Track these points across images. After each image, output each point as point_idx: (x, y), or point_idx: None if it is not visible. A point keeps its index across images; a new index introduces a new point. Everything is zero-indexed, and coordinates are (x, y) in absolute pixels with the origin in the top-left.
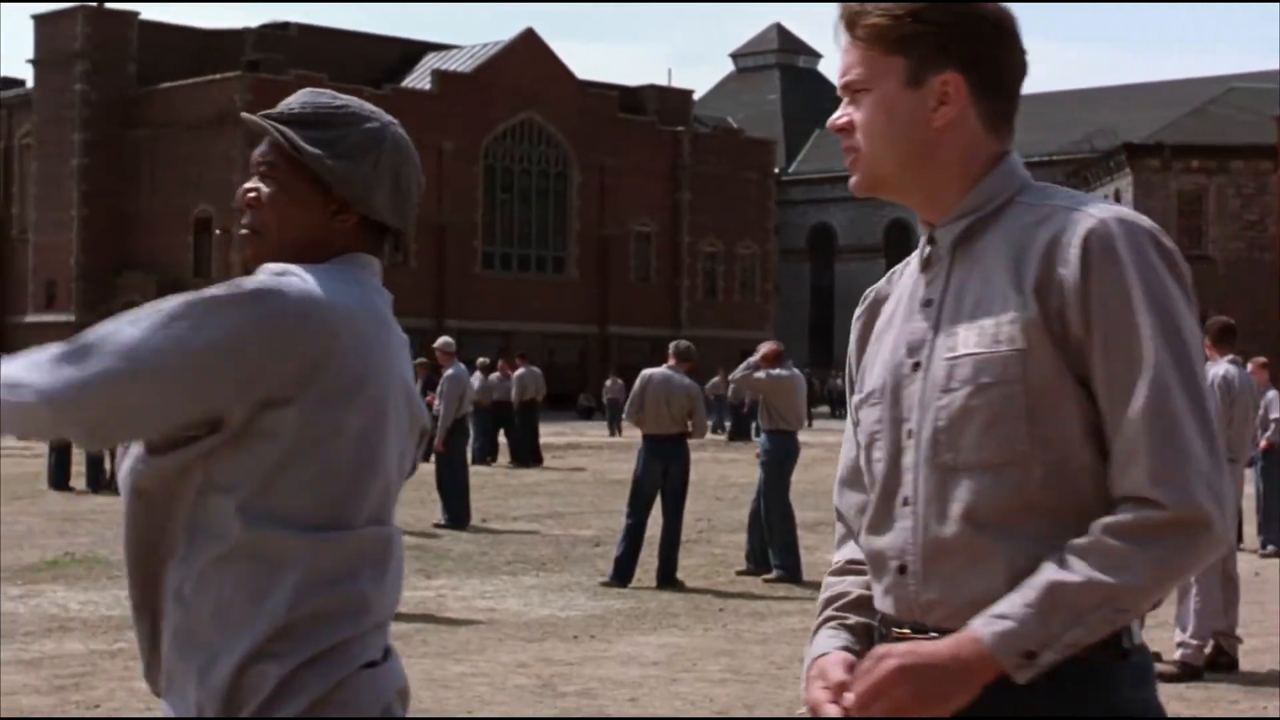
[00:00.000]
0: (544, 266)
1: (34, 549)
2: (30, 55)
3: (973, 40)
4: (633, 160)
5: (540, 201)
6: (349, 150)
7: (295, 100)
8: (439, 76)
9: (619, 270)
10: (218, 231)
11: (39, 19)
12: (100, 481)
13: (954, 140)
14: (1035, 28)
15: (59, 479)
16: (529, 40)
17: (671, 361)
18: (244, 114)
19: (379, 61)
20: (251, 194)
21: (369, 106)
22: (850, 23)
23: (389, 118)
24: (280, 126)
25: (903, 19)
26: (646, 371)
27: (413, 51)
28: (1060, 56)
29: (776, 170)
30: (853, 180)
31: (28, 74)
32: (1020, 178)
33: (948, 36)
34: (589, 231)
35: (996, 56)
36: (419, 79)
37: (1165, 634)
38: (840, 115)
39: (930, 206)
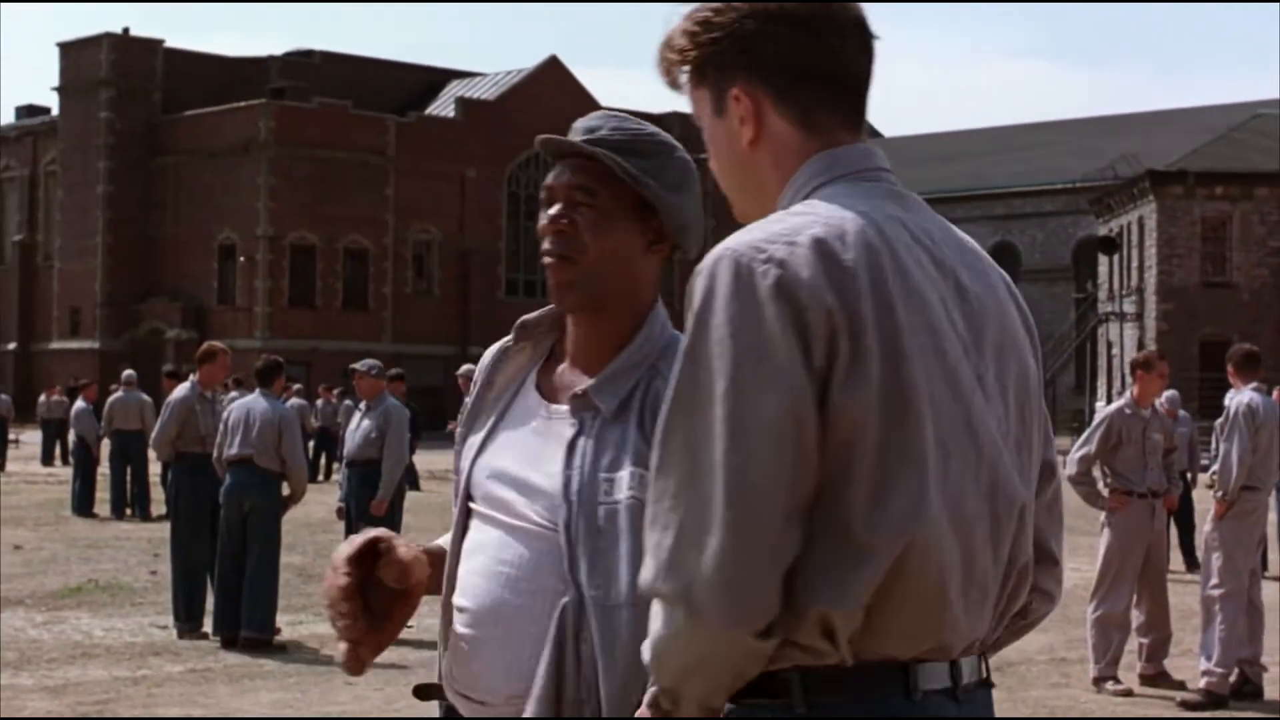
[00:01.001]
0: None
1: (58, 575)
2: (56, 83)
3: (746, 42)
4: None
5: None
6: (675, 182)
7: (602, 125)
8: (463, 104)
9: None
10: (241, 259)
11: (65, 46)
12: (124, 508)
13: (767, 159)
14: (1058, 54)
15: (83, 505)
16: (553, 67)
17: None
18: (551, 138)
19: (403, 89)
20: (564, 220)
21: (666, 133)
22: (661, 67)
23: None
24: (610, 154)
25: (687, 49)
26: None
27: (437, 79)
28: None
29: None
30: None
31: (53, 101)
32: (823, 173)
33: (722, 49)
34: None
35: (780, 50)
36: (443, 106)
37: (1190, 662)
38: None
39: None
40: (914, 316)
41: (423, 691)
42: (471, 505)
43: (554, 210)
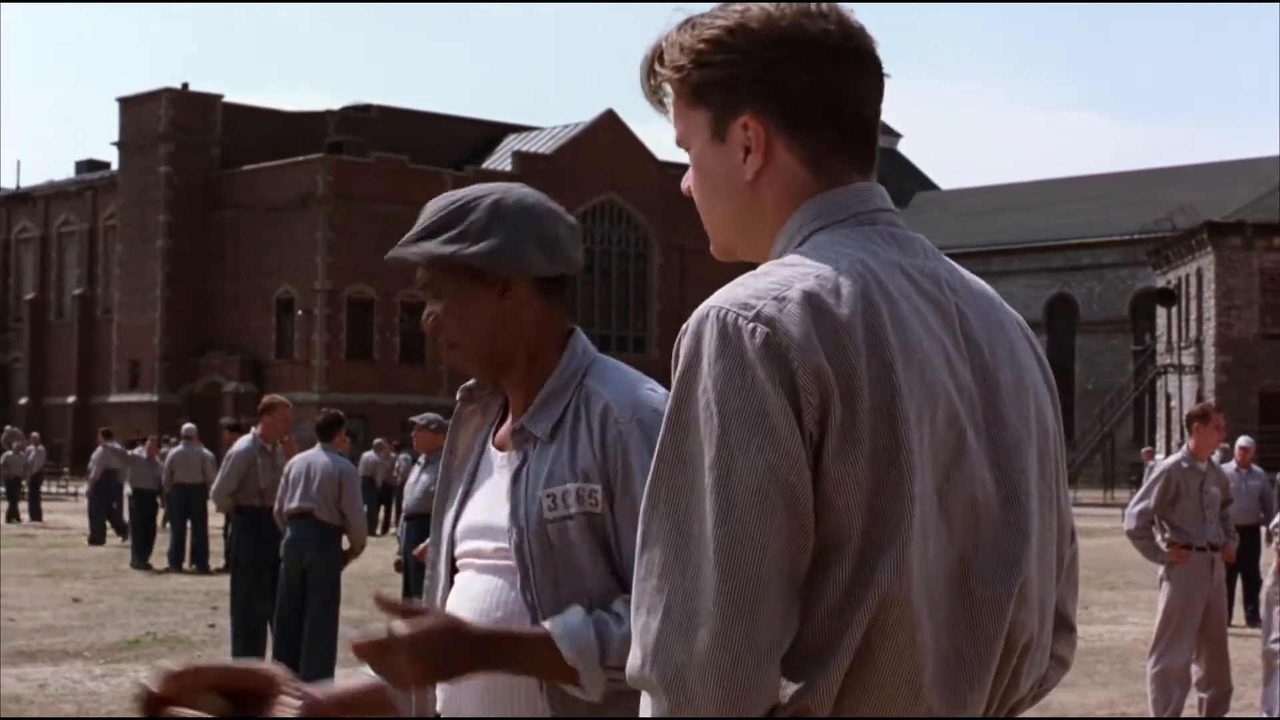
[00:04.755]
0: (624, 346)
1: (116, 628)
2: (116, 138)
3: (763, 70)
4: None
5: (621, 281)
6: (479, 232)
7: (419, 222)
8: (520, 158)
9: None
10: (299, 312)
11: (124, 102)
12: (181, 561)
13: (771, 195)
14: (1115, 106)
15: (140, 558)
16: (609, 121)
17: None
18: (389, 254)
19: (460, 143)
20: (429, 318)
21: (489, 185)
22: (645, 79)
23: (510, 185)
24: (405, 252)
25: (687, 67)
26: None
27: (494, 133)
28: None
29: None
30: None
31: (113, 156)
32: (815, 219)
33: (735, 73)
34: (669, 311)
35: (799, 81)
36: (500, 160)
37: (1251, 716)
38: (685, 179)
39: None
40: (911, 377)
41: None
42: (456, 566)
43: (426, 312)
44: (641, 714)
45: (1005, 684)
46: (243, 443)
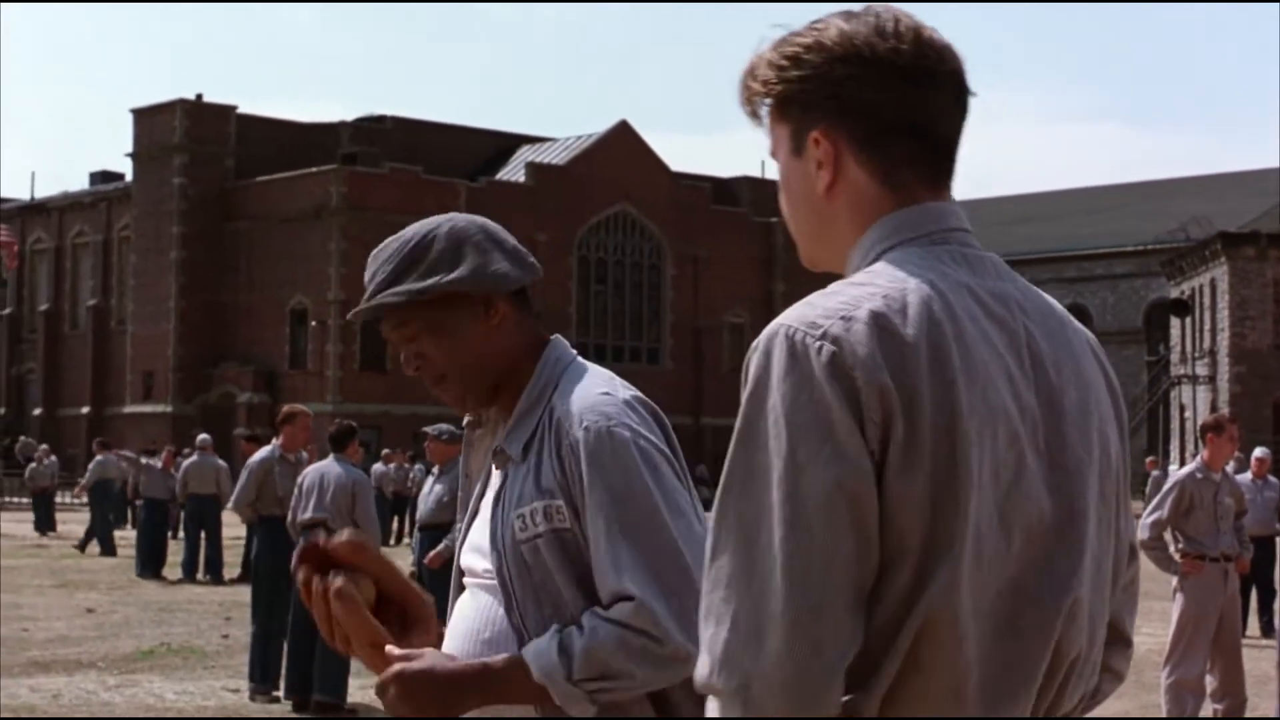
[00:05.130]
0: (637, 357)
1: (130, 639)
2: (129, 149)
3: (833, 86)
4: (726, 251)
5: (634, 292)
6: (451, 259)
7: (375, 274)
8: (533, 169)
9: (712, 361)
10: (314, 323)
11: (138, 113)
12: (195, 571)
13: (842, 208)
14: (1130, 116)
15: (152, 568)
16: (623, 132)
17: None
18: (354, 313)
19: (473, 154)
20: (415, 365)
21: (429, 220)
22: (741, 93)
23: (451, 214)
24: (384, 299)
25: (772, 82)
26: None
27: (507, 144)
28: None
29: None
30: None
31: (127, 167)
32: (886, 239)
33: (810, 89)
34: (682, 322)
35: (869, 98)
36: (513, 171)
37: None
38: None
39: None
40: (974, 397)
41: None
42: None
43: (403, 359)
44: (708, 714)
45: (1051, 697)
46: (262, 452)
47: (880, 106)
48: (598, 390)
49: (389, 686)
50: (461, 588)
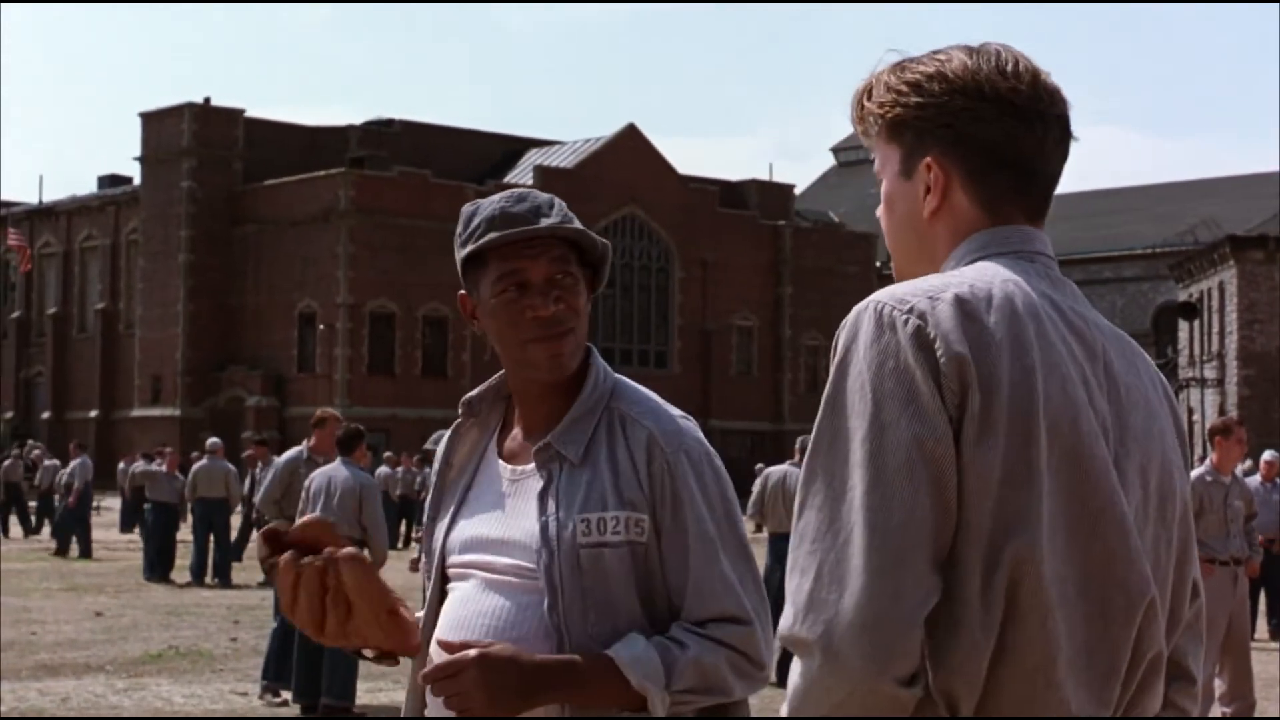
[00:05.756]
0: (645, 360)
1: (138, 641)
2: (138, 153)
3: (950, 117)
4: (734, 254)
5: (642, 295)
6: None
7: (553, 205)
8: (541, 172)
9: (720, 364)
10: (321, 327)
11: (146, 116)
12: (203, 575)
13: (943, 231)
14: (1137, 119)
15: (160, 571)
16: (631, 135)
17: (795, 458)
18: (560, 227)
19: (481, 157)
20: (558, 303)
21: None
22: (855, 110)
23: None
24: (582, 229)
25: (888, 105)
26: (768, 469)
27: (515, 147)
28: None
29: (878, 264)
30: None
31: (135, 171)
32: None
33: (926, 116)
34: (690, 325)
35: (983, 132)
36: (521, 174)
37: None
38: (879, 208)
39: None
40: (1052, 386)
41: None
42: (448, 577)
43: (552, 293)
44: (789, 681)
45: (1132, 692)
46: (290, 453)
47: (993, 141)
48: (675, 413)
49: (468, 669)
50: (445, 579)
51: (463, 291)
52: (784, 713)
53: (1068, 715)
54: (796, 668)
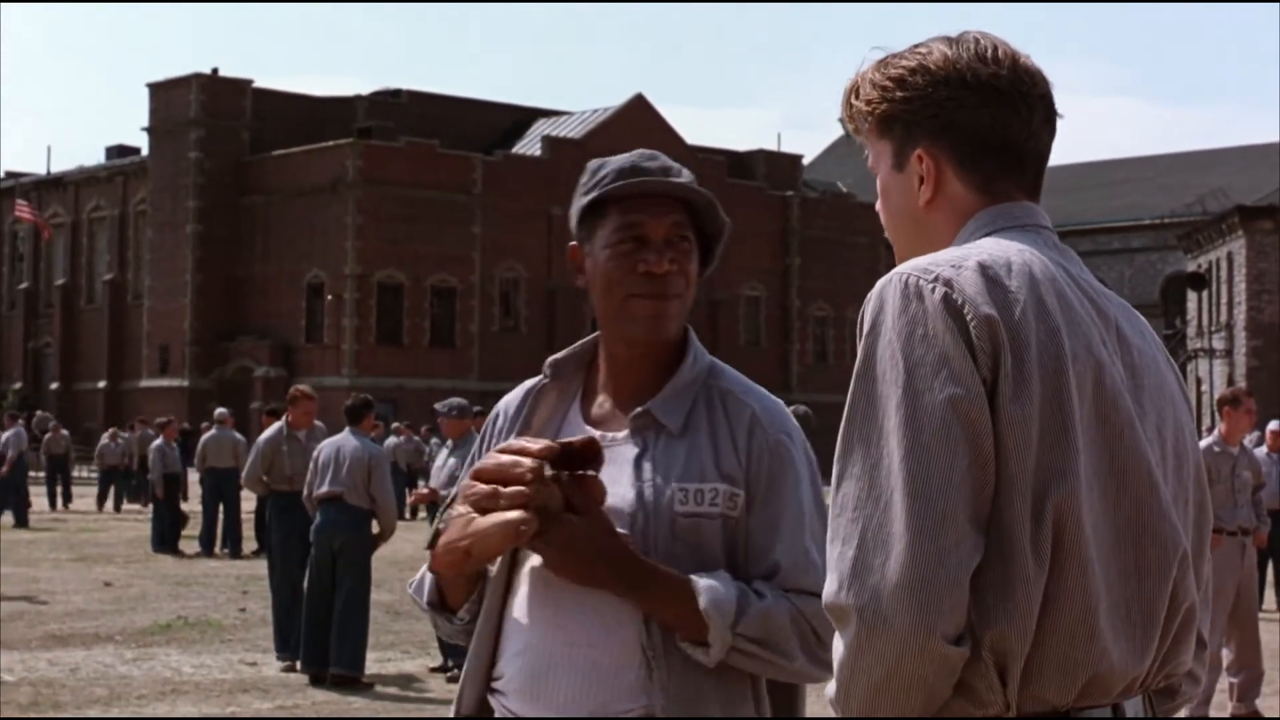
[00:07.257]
0: None
1: (147, 612)
2: (145, 123)
3: (934, 107)
4: (742, 225)
5: None
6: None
7: (675, 166)
8: (549, 142)
9: (728, 334)
10: (329, 297)
11: (154, 87)
12: (213, 545)
13: (941, 218)
14: (1146, 90)
15: (169, 542)
16: (639, 106)
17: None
18: (692, 192)
19: (490, 128)
20: (672, 264)
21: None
22: (844, 109)
23: None
24: (705, 192)
25: (875, 101)
26: None
27: (523, 117)
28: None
29: (886, 235)
30: None
31: (143, 142)
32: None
33: (913, 109)
34: (699, 296)
35: (969, 119)
36: (529, 145)
37: None
38: (879, 202)
39: None
40: (1077, 345)
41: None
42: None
43: (668, 254)
44: (834, 653)
45: (1169, 644)
46: (270, 430)
47: (980, 127)
48: (772, 396)
49: (564, 527)
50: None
51: (574, 243)
52: (831, 690)
53: (1109, 667)
54: (838, 644)
